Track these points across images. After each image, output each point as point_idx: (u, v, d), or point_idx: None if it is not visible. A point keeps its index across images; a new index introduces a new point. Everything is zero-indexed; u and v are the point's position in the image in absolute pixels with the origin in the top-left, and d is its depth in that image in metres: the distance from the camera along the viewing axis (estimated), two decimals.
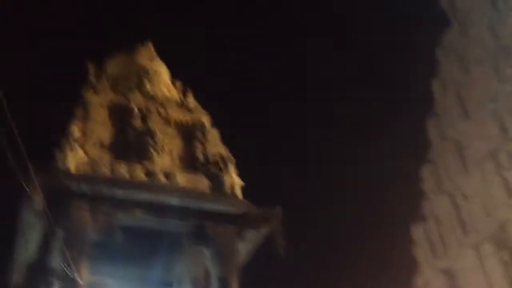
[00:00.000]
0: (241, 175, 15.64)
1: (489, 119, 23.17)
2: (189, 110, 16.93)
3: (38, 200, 11.60)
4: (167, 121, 16.12)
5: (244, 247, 14.67)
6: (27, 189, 11.07)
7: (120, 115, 15.55)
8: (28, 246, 13.45)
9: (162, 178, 14.46)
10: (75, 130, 14.20)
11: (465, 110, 24.87)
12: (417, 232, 26.70)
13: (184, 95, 17.48)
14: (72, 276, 11.50)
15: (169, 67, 18.42)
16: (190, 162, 15.57)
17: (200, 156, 15.72)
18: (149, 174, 14.42)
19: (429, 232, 26.02)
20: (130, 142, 15.03)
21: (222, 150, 16.05)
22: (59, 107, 17.34)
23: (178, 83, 18.05)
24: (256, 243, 14.86)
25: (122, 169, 14.11)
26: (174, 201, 13.83)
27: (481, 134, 23.24)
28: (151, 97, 16.53)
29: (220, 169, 15.42)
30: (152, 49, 18.34)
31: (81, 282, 11.68)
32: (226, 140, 16.55)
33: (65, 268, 11.55)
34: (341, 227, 29.36)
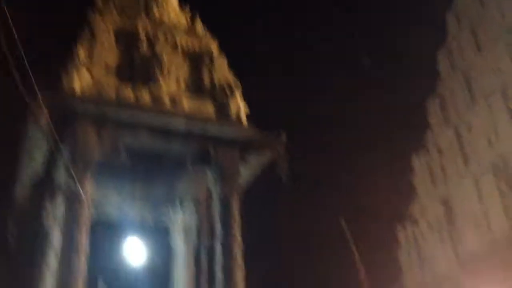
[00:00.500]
0: (247, 102, 15.74)
1: (502, 53, 22.84)
2: (197, 36, 16.84)
3: (44, 118, 11.81)
4: (174, 47, 16.07)
5: (248, 171, 14.95)
6: (33, 107, 11.28)
7: (127, 40, 15.55)
8: (32, 163, 13.81)
9: (167, 102, 14.58)
10: (82, 53, 14.26)
11: (478, 43, 24.52)
12: (418, 161, 27.04)
13: (193, 21, 17.34)
14: (76, 192, 11.84)
15: None
16: (196, 87, 15.66)
17: (207, 82, 15.78)
18: (155, 98, 14.54)
19: (430, 162, 26.31)
20: (136, 67, 15.11)
21: (229, 76, 16.09)
22: (67, 30, 17.35)
23: (186, 9, 17.88)
24: (259, 167, 15.13)
25: (128, 92, 14.24)
26: (179, 125, 14.00)
27: (492, 67, 22.99)
28: (158, 23, 16.44)
29: (226, 95, 15.49)
30: None
31: (85, 198, 12.03)
32: (233, 67, 16.58)
33: (69, 184, 11.90)
34: (342, 153, 29.67)
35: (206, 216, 15.29)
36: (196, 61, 16.15)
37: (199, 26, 17.27)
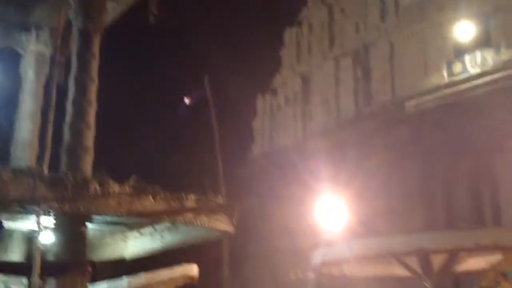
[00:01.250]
0: None
1: None
2: None
3: None
4: None
5: (114, 7, 14.04)
6: None
7: None
8: None
9: None
10: None
11: None
12: (289, 36, 27.66)
13: None
14: None
15: None
16: None
17: None
18: None
19: (300, 38, 27.03)
20: None
21: None
22: None
23: None
24: (128, 5, 14.24)
25: None
26: None
27: None
28: None
29: None
30: None
31: None
32: None
33: None
34: (219, 17, 29.30)
35: (62, 49, 14.35)
36: None
37: None
